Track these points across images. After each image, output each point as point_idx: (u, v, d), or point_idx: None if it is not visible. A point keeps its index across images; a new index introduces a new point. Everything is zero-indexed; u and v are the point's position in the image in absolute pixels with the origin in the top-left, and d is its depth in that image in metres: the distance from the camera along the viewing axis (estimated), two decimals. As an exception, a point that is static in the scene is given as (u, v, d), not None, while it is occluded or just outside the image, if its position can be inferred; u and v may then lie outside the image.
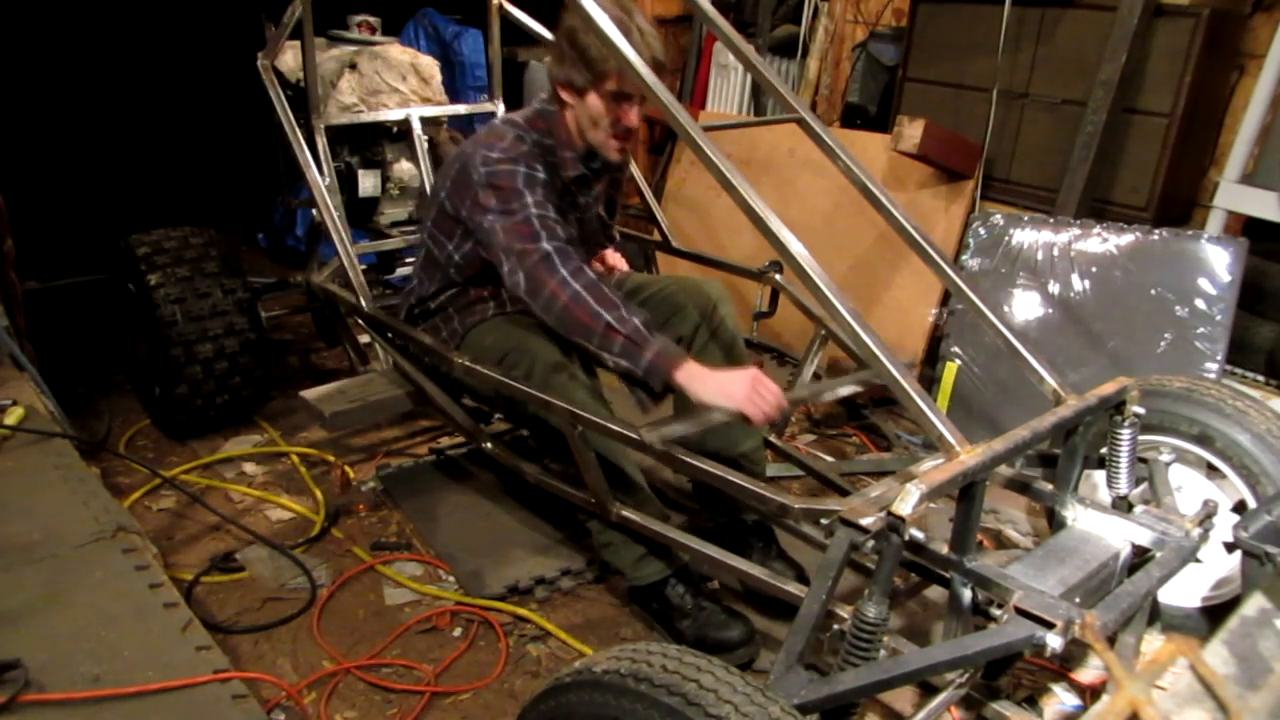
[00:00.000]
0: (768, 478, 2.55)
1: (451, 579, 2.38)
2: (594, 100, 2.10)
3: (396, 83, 3.27)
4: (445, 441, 3.02)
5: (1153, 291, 2.74)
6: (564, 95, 2.15)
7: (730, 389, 1.87)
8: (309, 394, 2.58)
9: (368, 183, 3.25)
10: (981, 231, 3.07)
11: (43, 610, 1.70)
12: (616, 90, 2.07)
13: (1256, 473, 1.93)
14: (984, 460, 1.52)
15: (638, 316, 1.99)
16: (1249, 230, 2.84)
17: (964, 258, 3.08)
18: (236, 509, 2.64)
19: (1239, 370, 2.86)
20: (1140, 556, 1.70)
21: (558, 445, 2.14)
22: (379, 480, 2.80)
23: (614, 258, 2.61)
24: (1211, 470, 2.04)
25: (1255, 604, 1.37)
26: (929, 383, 3.05)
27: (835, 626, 1.51)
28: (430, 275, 2.40)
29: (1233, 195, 2.86)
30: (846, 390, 2.12)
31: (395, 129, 3.30)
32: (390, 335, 2.60)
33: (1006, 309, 2.95)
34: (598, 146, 2.18)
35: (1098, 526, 1.74)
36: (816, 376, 2.57)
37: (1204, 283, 2.67)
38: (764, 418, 1.88)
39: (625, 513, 2.07)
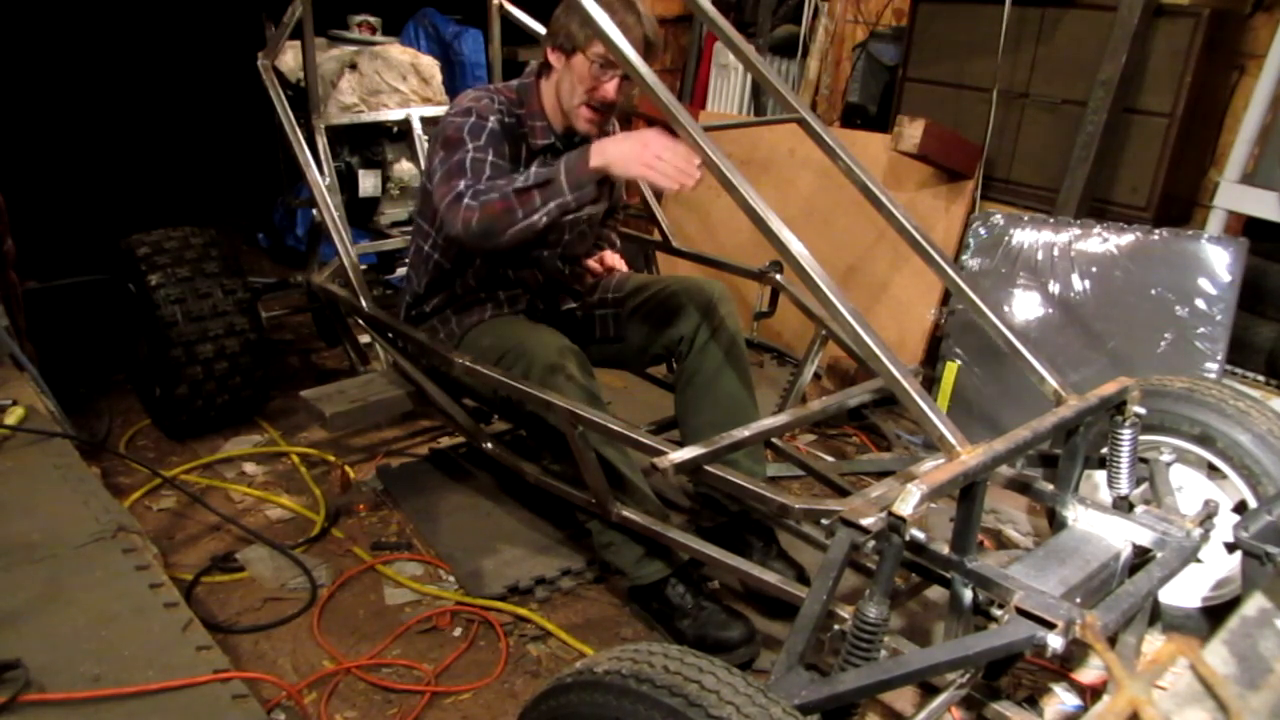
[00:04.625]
0: (768, 478, 2.55)
1: (451, 579, 2.37)
2: (579, 62, 2.13)
3: (397, 83, 3.27)
4: (445, 441, 3.02)
5: (1153, 291, 2.74)
6: (551, 58, 2.19)
7: (628, 159, 1.88)
8: (309, 394, 2.58)
9: (368, 183, 3.25)
10: (981, 231, 3.07)
11: (43, 610, 1.70)
12: (603, 57, 2.10)
13: (1257, 473, 1.93)
14: (985, 460, 1.52)
15: (531, 168, 2.07)
16: (1249, 230, 2.84)
17: (964, 258, 3.08)
18: (237, 509, 2.64)
19: (1239, 370, 2.86)
20: (1141, 557, 1.70)
21: (557, 445, 2.14)
22: (379, 480, 2.80)
23: (613, 258, 2.61)
24: (1212, 470, 2.05)
25: (1255, 604, 1.38)
26: (929, 383, 3.05)
27: (836, 627, 1.51)
28: (420, 270, 2.41)
29: (1233, 195, 2.86)
30: (855, 402, 2.12)
31: (395, 129, 3.31)
32: (390, 335, 2.60)
33: (1007, 309, 2.95)
34: (571, 114, 2.20)
35: (1098, 527, 1.74)
36: (817, 376, 2.57)
37: (1204, 283, 2.67)
38: (674, 179, 1.85)
39: (625, 512, 2.07)
